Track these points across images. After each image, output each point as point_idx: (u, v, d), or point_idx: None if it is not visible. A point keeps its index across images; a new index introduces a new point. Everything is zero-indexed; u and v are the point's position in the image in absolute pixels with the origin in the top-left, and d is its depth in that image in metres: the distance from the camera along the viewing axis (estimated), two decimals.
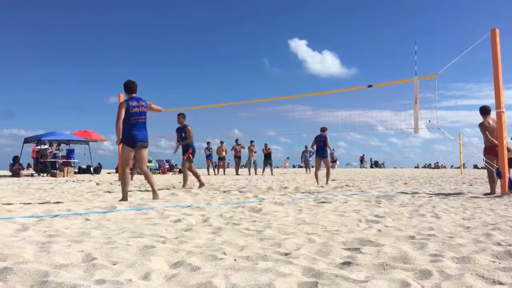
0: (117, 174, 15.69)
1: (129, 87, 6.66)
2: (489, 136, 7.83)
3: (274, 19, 62.96)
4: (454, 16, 61.09)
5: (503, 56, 7.64)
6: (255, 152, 21.96)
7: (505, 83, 7.79)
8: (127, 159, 6.62)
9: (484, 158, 7.94)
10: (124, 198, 6.55)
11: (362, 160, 42.28)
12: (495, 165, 7.71)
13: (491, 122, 7.91)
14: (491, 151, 7.83)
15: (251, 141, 22.10)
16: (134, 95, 6.65)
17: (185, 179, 9.89)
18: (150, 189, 9.37)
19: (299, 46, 58.14)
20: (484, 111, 8.02)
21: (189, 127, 9.81)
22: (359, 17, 63.03)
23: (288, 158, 41.75)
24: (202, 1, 62.62)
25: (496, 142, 7.67)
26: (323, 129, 11.35)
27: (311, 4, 63.12)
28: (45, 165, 20.31)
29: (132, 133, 6.46)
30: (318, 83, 58.72)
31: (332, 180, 14.10)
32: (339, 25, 63.91)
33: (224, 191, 8.83)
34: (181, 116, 9.97)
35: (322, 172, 11.86)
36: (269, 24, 62.92)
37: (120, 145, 6.77)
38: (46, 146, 21.17)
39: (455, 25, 60.27)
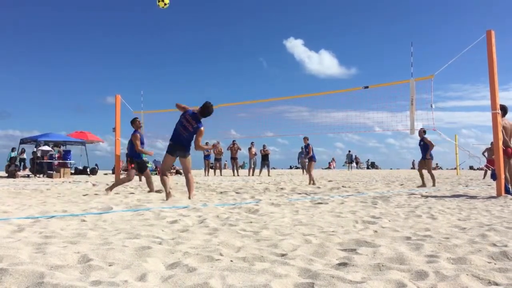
0: (114, 175, 15.67)
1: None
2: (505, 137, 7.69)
3: (268, 18, 62.76)
4: (450, 16, 61.24)
5: (499, 57, 7.68)
6: (255, 154, 21.93)
7: (501, 84, 7.82)
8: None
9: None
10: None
11: (356, 160, 42.07)
12: (491, 167, 7.73)
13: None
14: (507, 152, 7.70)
15: (252, 143, 22.11)
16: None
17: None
18: (147, 190, 9.34)
19: (295, 46, 57.87)
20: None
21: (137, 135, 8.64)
22: (356, 16, 62.85)
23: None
24: (198, 1, 62.45)
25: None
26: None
27: (304, 3, 62.93)
28: (41, 166, 20.25)
29: None
30: (317, 84, 58.59)
31: (329, 181, 14.17)
32: (335, 24, 63.72)
33: (221, 192, 8.82)
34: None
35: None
36: (263, 23, 62.74)
37: None
38: (48, 148, 21.11)
39: (452, 26, 60.40)
